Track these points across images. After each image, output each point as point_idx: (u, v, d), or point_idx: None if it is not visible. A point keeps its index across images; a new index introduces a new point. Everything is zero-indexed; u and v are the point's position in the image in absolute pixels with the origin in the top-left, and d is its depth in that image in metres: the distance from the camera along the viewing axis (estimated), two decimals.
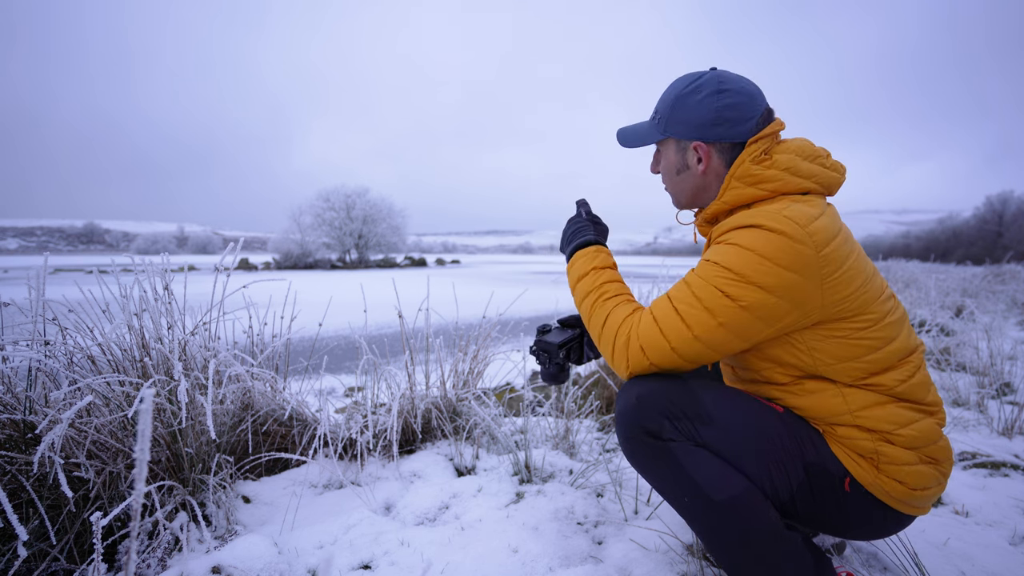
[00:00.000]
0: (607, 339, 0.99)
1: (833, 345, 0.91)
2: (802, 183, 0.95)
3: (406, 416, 1.82)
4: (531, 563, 1.18)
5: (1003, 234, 49.72)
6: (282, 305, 1.92)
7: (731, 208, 1.01)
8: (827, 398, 0.93)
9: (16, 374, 1.25)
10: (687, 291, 0.92)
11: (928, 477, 0.90)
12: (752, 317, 0.87)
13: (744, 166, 0.97)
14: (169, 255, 1.64)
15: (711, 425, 0.92)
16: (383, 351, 2.19)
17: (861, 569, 1.17)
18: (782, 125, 1.01)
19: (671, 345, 0.91)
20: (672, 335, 0.91)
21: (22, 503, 1.14)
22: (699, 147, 1.02)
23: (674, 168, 1.08)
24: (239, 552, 1.15)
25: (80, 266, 23.05)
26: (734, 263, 0.88)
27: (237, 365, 1.51)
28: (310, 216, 36.07)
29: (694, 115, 1.01)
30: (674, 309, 0.92)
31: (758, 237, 0.87)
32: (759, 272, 0.86)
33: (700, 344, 0.90)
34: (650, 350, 0.92)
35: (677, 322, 0.90)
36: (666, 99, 1.05)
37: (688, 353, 0.91)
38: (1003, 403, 2.47)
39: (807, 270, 0.85)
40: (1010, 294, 6.85)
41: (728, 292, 0.87)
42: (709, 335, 0.89)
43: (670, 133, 1.05)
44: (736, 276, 0.87)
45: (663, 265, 3.05)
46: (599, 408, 2.39)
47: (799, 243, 0.85)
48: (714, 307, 0.88)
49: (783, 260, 0.85)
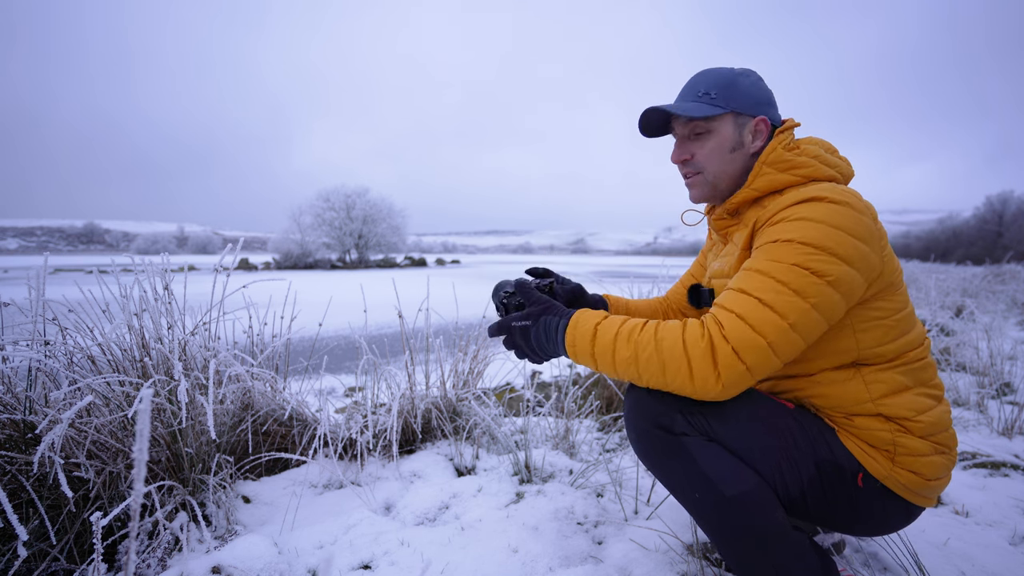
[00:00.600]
0: (673, 360, 0.84)
1: (874, 327, 0.91)
2: (829, 171, 0.97)
3: (406, 416, 1.82)
4: (531, 563, 1.18)
5: (1003, 234, 49.74)
6: (282, 305, 1.92)
7: (759, 196, 1.01)
8: (851, 387, 0.93)
9: (16, 374, 1.25)
10: (764, 279, 0.83)
11: (941, 467, 0.91)
12: (838, 294, 0.82)
13: (776, 152, 0.98)
14: (169, 255, 1.64)
15: (723, 420, 0.91)
16: (383, 351, 2.19)
17: (861, 569, 1.17)
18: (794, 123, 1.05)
19: (767, 340, 0.80)
20: (768, 328, 0.80)
21: (22, 503, 1.14)
22: (764, 122, 1.02)
23: (728, 145, 1.03)
24: (239, 552, 1.15)
25: (80, 266, 23.06)
26: (812, 237, 0.82)
27: (237, 365, 1.51)
28: (310, 216, 36.07)
29: (755, 93, 1.03)
30: (757, 300, 0.82)
31: (826, 209, 0.85)
32: (839, 243, 0.82)
33: (796, 335, 0.81)
34: (746, 351, 0.80)
35: (768, 313, 0.80)
36: (716, 80, 1.02)
37: (785, 348, 0.82)
38: (1003, 403, 2.47)
39: (872, 241, 0.85)
40: (1010, 294, 6.85)
41: (814, 268, 0.81)
42: (804, 321, 0.81)
43: (733, 107, 1.01)
44: (818, 249, 0.82)
45: (663, 265, 3.05)
46: (599, 408, 2.39)
47: (863, 214, 0.86)
48: (803, 287, 0.81)
49: (856, 230, 0.84)
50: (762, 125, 1.03)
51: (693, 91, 1.04)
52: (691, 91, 1.05)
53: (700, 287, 1.21)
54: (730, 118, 1.03)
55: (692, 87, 1.05)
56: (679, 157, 1.08)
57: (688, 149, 1.06)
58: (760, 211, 0.97)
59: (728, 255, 1.07)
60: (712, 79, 1.03)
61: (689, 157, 1.06)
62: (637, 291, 2.95)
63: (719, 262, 1.11)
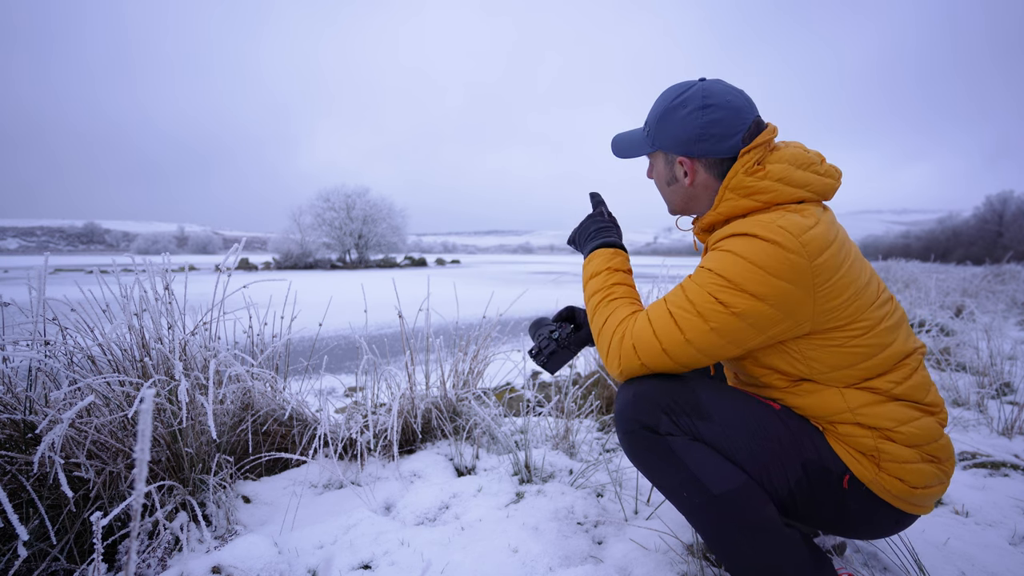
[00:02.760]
0: (604, 337, 1.01)
1: (827, 354, 0.91)
2: (796, 192, 0.94)
3: (406, 416, 1.82)
4: (531, 563, 1.18)
5: (1003, 234, 49.71)
6: (282, 305, 1.92)
7: (726, 218, 1.01)
8: (827, 397, 0.93)
9: (16, 374, 1.25)
10: (682, 295, 0.93)
11: (929, 475, 0.91)
12: (744, 324, 0.88)
13: (737, 178, 0.97)
14: (169, 255, 1.64)
15: (709, 421, 0.93)
16: (383, 351, 2.19)
17: (861, 569, 1.17)
18: (775, 131, 1.00)
19: (662, 346, 0.92)
20: (664, 337, 0.92)
21: (22, 503, 1.14)
22: (684, 162, 1.03)
23: (664, 179, 1.11)
24: (239, 552, 1.15)
25: (80, 266, 23.07)
26: (727, 270, 0.89)
27: (237, 365, 1.51)
28: (310, 216, 36.09)
29: (680, 131, 1.01)
30: (668, 312, 0.93)
31: (752, 246, 0.88)
32: (752, 280, 0.87)
33: (691, 348, 0.91)
34: (642, 350, 0.94)
35: (670, 325, 0.92)
36: (655, 112, 1.06)
37: (679, 356, 0.93)
38: (1003, 403, 2.47)
39: (800, 280, 0.86)
40: (1010, 294, 6.85)
41: (720, 298, 0.89)
42: (701, 339, 0.90)
43: (658, 146, 1.07)
44: (729, 283, 0.88)
45: (663, 265, 3.05)
46: (599, 408, 2.39)
47: (792, 253, 0.85)
48: (707, 312, 0.89)
49: (776, 269, 0.86)
50: (684, 165, 1.03)
51: (646, 119, 1.10)
52: (646, 118, 1.10)
53: None
54: (660, 155, 1.09)
55: (649, 113, 1.09)
56: (648, 175, 1.18)
57: (650, 170, 1.16)
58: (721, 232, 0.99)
59: None
60: (654, 110, 1.06)
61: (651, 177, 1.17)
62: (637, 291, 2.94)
63: None
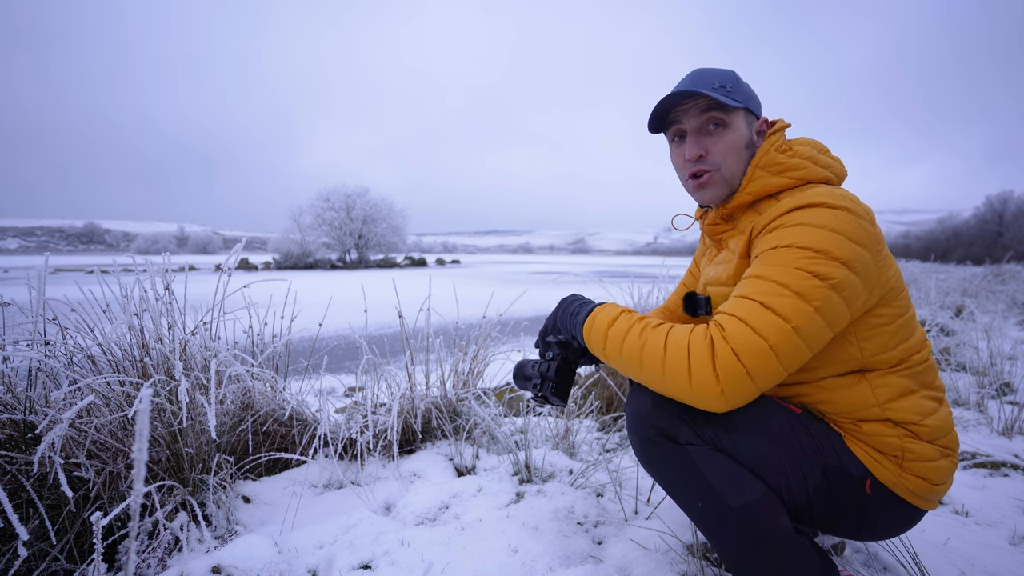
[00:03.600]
0: (674, 358, 0.82)
1: (877, 333, 0.90)
2: (823, 172, 0.96)
3: (406, 416, 1.82)
4: (531, 563, 1.18)
5: (1003, 234, 49.70)
6: (282, 305, 1.92)
7: (754, 200, 0.99)
8: (857, 392, 0.91)
9: (16, 374, 1.25)
10: (765, 283, 0.81)
11: (946, 471, 0.91)
12: (839, 298, 0.80)
13: (769, 155, 0.97)
14: (170, 255, 1.64)
15: (730, 429, 0.89)
16: (383, 351, 2.20)
17: (861, 569, 1.17)
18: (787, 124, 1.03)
19: (770, 343, 0.77)
20: (770, 330, 0.77)
21: (22, 503, 1.14)
22: (766, 123, 1.03)
23: (743, 142, 1.00)
24: (239, 552, 1.15)
25: (80, 266, 23.07)
26: (812, 241, 0.81)
27: (237, 365, 1.51)
28: (310, 216, 36.07)
29: (754, 95, 1.02)
30: (759, 304, 0.80)
31: (824, 214, 0.84)
32: (839, 247, 0.80)
33: (799, 339, 0.78)
34: (746, 354, 0.77)
35: (769, 315, 0.78)
36: (724, 76, 0.99)
37: (789, 353, 0.79)
38: (1003, 403, 2.47)
39: (872, 245, 0.84)
40: (1010, 294, 6.85)
41: (815, 271, 0.79)
42: (808, 324, 0.78)
43: (746, 104, 0.99)
44: (818, 253, 0.80)
45: (663, 265, 3.05)
46: (599, 408, 2.39)
47: (862, 218, 0.85)
48: (806, 290, 0.79)
49: (855, 235, 0.82)
50: (764, 126, 1.02)
51: (704, 83, 0.97)
52: (701, 83, 0.97)
53: (696, 295, 1.13)
54: (742, 115, 1.00)
55: (700, 79, 0.98)
56: (696, 152, 1.00)
57: (703, 144, 1.00)
58: (756, 216, 0.96)
59: (725, 262, 1.04)
60: (720, 75, 0.99)
61: (704, 153, 1.00)
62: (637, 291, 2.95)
63: (714, 269, 1.08)
